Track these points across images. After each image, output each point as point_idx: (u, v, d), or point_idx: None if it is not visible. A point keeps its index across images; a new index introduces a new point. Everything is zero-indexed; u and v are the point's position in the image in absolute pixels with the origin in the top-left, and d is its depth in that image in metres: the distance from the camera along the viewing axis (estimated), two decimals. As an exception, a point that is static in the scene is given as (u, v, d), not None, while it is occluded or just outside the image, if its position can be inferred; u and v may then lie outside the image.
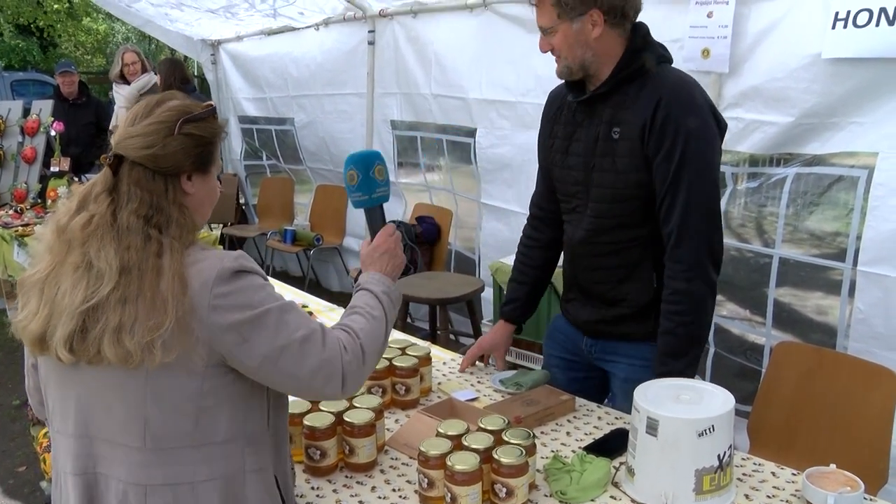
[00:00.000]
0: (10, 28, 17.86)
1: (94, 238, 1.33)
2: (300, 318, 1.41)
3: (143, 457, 1.37)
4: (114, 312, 1.29)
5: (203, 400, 1.36)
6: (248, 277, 1.38)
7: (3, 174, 5.81)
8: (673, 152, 1.93)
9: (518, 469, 1.59)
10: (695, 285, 1.98)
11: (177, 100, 1.45)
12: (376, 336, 1.51)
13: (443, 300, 4.03)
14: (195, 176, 1.43)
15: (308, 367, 1.38)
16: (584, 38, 1.98)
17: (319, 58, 5.87)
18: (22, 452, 3.87)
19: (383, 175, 1.71)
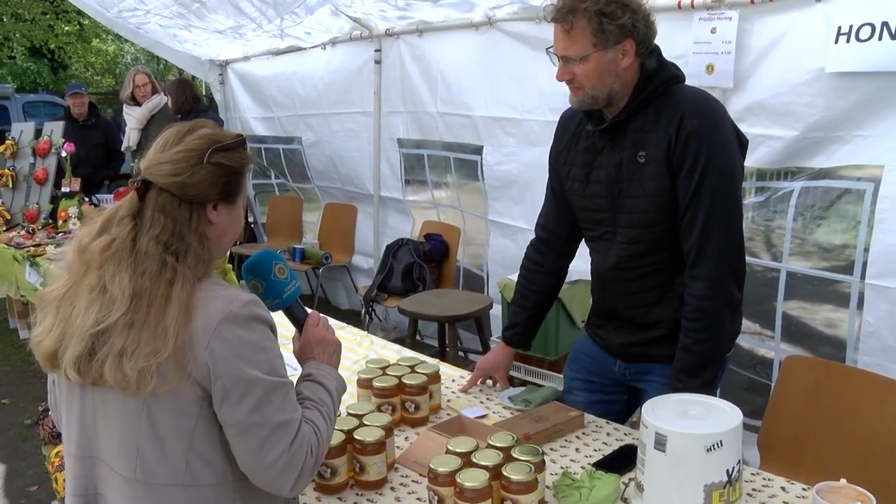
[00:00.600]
0: (22, 50, 18.07)
1: (111, 262, 1.35)
2: (285, 402, 1.38)
3: (133, 490, 1.38)
4: (119, 336, 1.31)
5: (196, 441, 1.36)
6: (255, 329, 1.36)
7: (15, 195, 5.86)
8: (695, 168, 1.92)
9: (527, 485, 1.59)
10: (713, 303, 1.96)
11: (208, 128, 1.46)
12: (328, 441, 1.48)
13: (451, 318, 4.04)
14: (221, 206, 1.44)
15: (272, 455, 1.35)
16: (616, 68, 1.96)
17: (326, 77, 5.92)
18: (34, 472, 3.89)
19: (285, 273, 1.63)
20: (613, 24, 1.90)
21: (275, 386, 1.36)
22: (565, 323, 3.93)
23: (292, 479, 1.37)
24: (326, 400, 1.51)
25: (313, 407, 1.47)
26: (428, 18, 4.81)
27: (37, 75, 19.29)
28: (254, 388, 1.33)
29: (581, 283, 3.91)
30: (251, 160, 1.50)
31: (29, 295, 4.86)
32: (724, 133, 1.95)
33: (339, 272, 6.27)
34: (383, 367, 2.26)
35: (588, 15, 1.91)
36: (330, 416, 1.49)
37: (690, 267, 1.98)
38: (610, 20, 1.90)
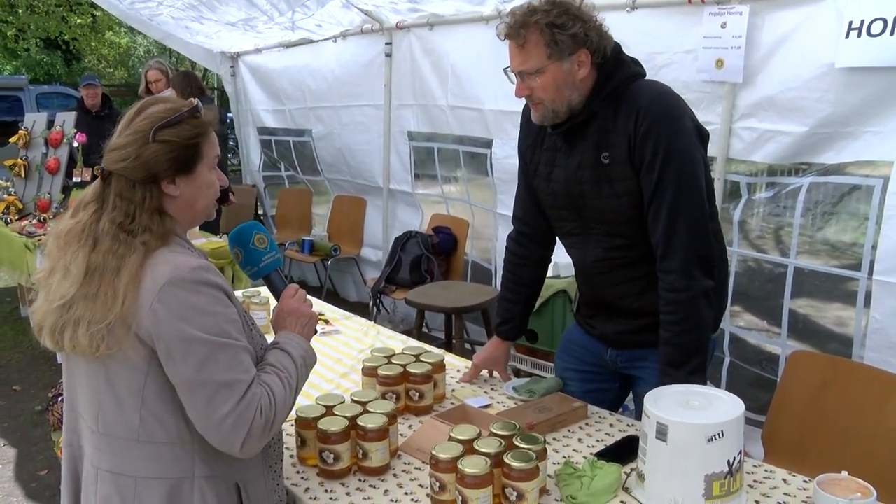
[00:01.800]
0: (36, 42, 18.18)
1: (73, 243, 1.44)
2: (233, 363, 1.42)
3: (98, 440, 1.49)
4: (78, 308, 1.40)
5: (147, 398, 1.43)
6: (201, 293, 1.41)
7: (27, 185, 5.90)
8: (654, 163, 1.94)
9: (528, 473, 1.60)
10: (687, 294, 1.98)
11: (159, 105, 1.49)
12: (287, 405, 1.51)
13: (458, 309, 4.05)
14: (179, 178, 1.48)
15: (218, 414, 1.39)
16: (572, 79, 1.97)
17: (337, 70, 5.93)
18: (43, 457, 3.93)
19: (265, 243, 1.70)
20: (565, 34, 1.92)
21: (220, 346, 1.41)
22: (572, 316, 3.93)
23: (240, 438, 1.40)
24: (289, 367, 1.54)
25: (273, 372, 1.51)
26: (439, 11, 4.82)
27: (50, 67, 19.39)
28: (196, 347, 1.38)
29: (588, 276, 3.92)
30: (206, 125, 1.52)
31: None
32: (680, 125, 1.96)
33: (348, 264, 6.29)
34: (388, 355, 2.27)
35: (540, 28, 1.93)
36: (290, 383, 1.52)
37: (660, 260, 2.00)
38: (562, 31, 1.92)
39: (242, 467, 1.54)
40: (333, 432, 1.78)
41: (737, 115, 3.34)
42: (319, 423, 1.81)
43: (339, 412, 1.87)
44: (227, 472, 1.51)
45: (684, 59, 3.46)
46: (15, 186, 5.97)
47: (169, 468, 1.46)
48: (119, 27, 20.04)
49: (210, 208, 1.57)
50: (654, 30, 3.51)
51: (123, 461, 1.46)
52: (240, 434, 1.40)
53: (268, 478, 1.60)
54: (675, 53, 3.48)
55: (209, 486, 1.48)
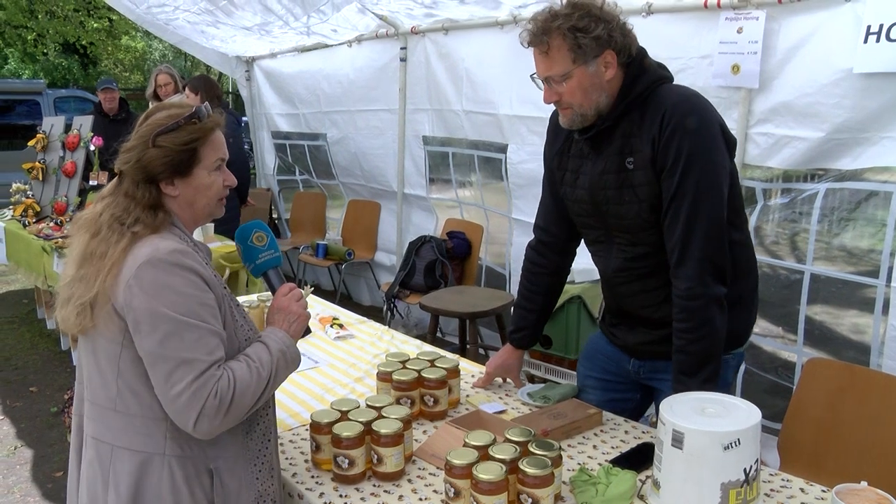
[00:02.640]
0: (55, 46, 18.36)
1: (82, 230, 1.59)
2: (198, 344, 1.48)
3: (88, 407, 1.61)
4: (73, 288, 1.54)
5: (122, 369, 1.52)
6: (175, 274, 1.50)
7: (44, 187, 5.96)
8: (676, 165, 1.91)
9: (543, 480, 1.60)
10: (699, 303, 1.96)
11: (164, 111, 1.61)
12: (251, 393, 1.54)
13: (472, 314, 4.05)
14: (176, 179, 1.59)
15: (175, 389, 1.46)
16: (599, 81, 1.96)
17: (352, 74, 5.95)
18: (59, 458, 3.96)
19: (264, 241, 1.77)
20: (589, 37, 1.91)
21: (186, 325, 1.48)
22: (586, 322, 3.92)
23: (193, 415, 1.46)
24: (263, 357, 1.59)
25: (243, 360, 1.57)
26: (454, 16, 4.82)
27: (67, 71, 19.56)
28: (161, 322, 1.46)
29: (602, 282, 3.91)
30: (206, 130, 1.61)
31: (56, 285, 4.93)
32: (707, 130, 1.93)
33: (362, 268, 6.30)
34: (403, 360, 2.27)
35: (562, 33, 1.92)
36: (259, 372, 1.56)
37: (674, 266, 1.98)
38: (585, 34, 1.90)
39: (217, 453, 1.59)
40: (348, 437, 1.78)
41: (753, 121, 3.33)
42: (334, 428, 1.81)
43: (354, 417, 1.87)
44: (199, 455, 1.57)
45: (700, 65, 3.45)
46: (33, 189, 6.03)
47: (142, 441, 1.54)
48: (135, 31, 20.20)
49: (212, 207, 1.67)
50: (670, 35, 3.50)
51: (104, 429, 1.56)
52: (192, 411, 1.46)
53: (247, 469, 1.63)
54: (691, 58, 3.47)
55: (179, 465, 1.55)
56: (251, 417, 1.61)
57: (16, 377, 5.16)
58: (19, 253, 5.56)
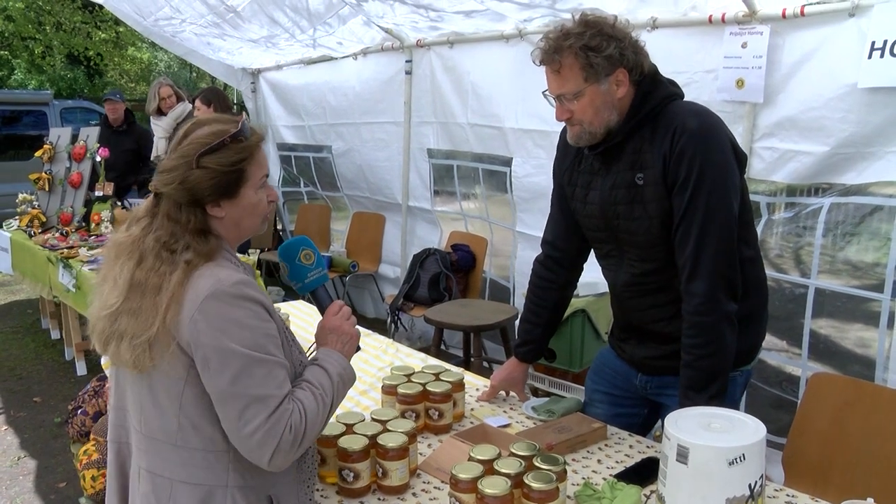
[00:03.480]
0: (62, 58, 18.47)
1: (122, 255, 1.50)
2: (267, 378, 1.45)
3: (140, 440, 1.56)
4: (122, 322, 1.46)
5: (185, 404, 1.47)
6: (241, 307, 1.45)
7: (50, 198, 5.99)
8: (688, 182, 1.91)
9: (548, 494, 1.59)
10: (710, 318, 1.95)
11: (205, 127, 1.52)
12: (319, 421, 1.54)
13: (477, 327, 4.05)
14: (223, 201, 1.52)
15: (248, 428, 1.43)
16: (611, 99, 1.96)
17: (357, 87, 5.98)
18: (63, 469, 3.96)
19: (311, 259, 1.74)
20: (600, 56, 1.91)
21: (255, 361, 1.44)
22: (591, 335, 3.92)
23: (269, 452, 1.44)
24: (325, 384, 1.57)
25: (308, 388, 1.54)
26: (459, 30, 4.85)
27: (73, 82, 19.66)
28: (232, 360, 1.42)
29: (607, 295, 3.89)
30: (251, 147, 1.54)
31: (61, 296, 4.95)
32: (717, 145, 1.93)
33: (366, 281, 6.31)
34: (408, 374, 2.27)
35: (574, 51, 1.92)
36: (324, 399, 1.54)
37: (686, 282, 1.97)
38: (596, 53, 1.91)
39: (276, 480, 1.56)
40: (353, 451, 1.78)
41: (757, 135, 3.34)
42: (339, 442, 1.81)
43: (360, 430, 1.87)
44: (260, 483, 1.54)
45: (705, 79, 3.47)
46: (39, 200, 6.05)
47: (203, 474, 1.49)
48: (141, 43, 20.31)
49: (258, 225, 1.61)
50: (675, 49, 3.51)
51: (162, 463, 1.51)
52: (268, 448, 1.43)
53: (300, 492, 1.63)
54: (696, 73, 3.48)
55: (241, 495, 1.51)
56: None
57: (20, 387, 5.17)
58: (25, 263, 5.58)
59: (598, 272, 4.13)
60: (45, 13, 16.66)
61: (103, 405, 3.23)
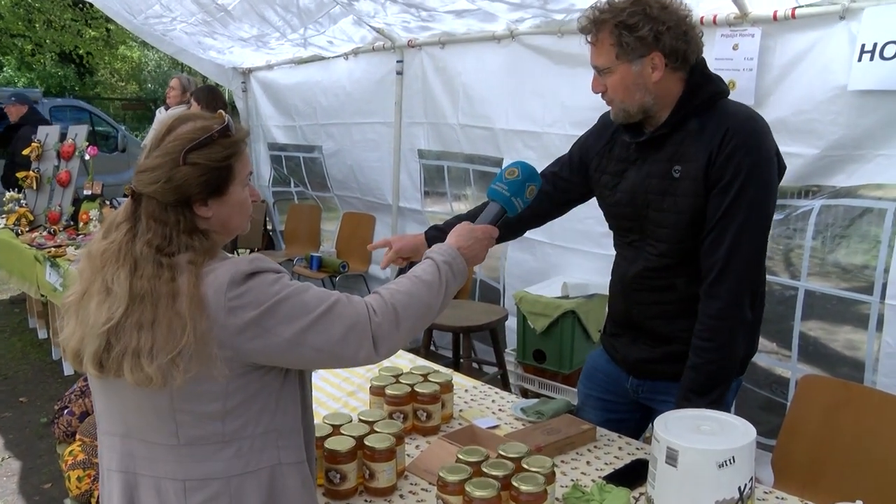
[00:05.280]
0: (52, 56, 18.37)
1: (111, 264, 1.40)
2: (319, 294, 1.44)
3: (179, 453, 1.43)
4: (131, 336, 1.35)
5: (229, 400, 1.40)
6: (261, 276, 1.40)
7: (38, 197, 5.95)
8: (732, 185, 1.86)
9: (537, 497, 1.58)
10: (728, 323, 1.92)
11: (189, 123, 1.44)
12: (417, 298, 1.52)
13: (466, 328, 4.04)
14: (210, 200, 1.44)
15: (335, 338, 1.41)
16: (644, 82, 1.92)
17: (348, 87, 5.95)
18: (48, 470, 3.92)
19: (531, 196, 1.83)
20: (633, 36, 1.88)
21: (299, 290, 1.42)
22: (580, 337, 3.92)
23: (369, 346, 1.44)
24: (426, 268, 1.59)
25: (402, 278, 1.56)
26: (450, 30, 4.84)
27: (63, 80, 19.57)
28: (282, 305, 1.39)
29: (597, 297, 3.91)
30: (238, 143, 1.48)
31: (49, 295, 4.91)
32: (766, 154, 1.90)
33: (356, 281, 6.28)
34: (396, 375, 2.26)
35: (609, 27, 1.90)
36: (421, 278, 1.56)
37: (710, 284, 1.93)
38: (630, 33, 1.88)
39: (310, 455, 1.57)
40: (340, 452, 1.77)
41: (748, 137, 3.33)
42: (326, 443, 1.80)
43: (347, 432, 1.85)
44: (304, 458, 1.53)
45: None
46: (26, 198, 6.01)
47: (257, 461, 1.45)
48: (132, 41, 20.24)
49: (245, 224, 1.55)
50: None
51: (214, 466, 1.43)
52: (366, 342, 1.44)
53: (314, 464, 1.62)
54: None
55: (297, 471, 1.50)
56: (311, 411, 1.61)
57: (5, 387, 5.13)
58: (12, 262, 5.54)
59: (589, 274, 4.14)
60: (34, 10, 16.56)
61: (90, 405, 3.20)
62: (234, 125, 1.49)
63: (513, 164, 1.82)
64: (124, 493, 1.49)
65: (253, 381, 1.43)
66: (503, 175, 1.81)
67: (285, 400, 1.49)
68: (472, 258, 1.70)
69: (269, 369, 1.44)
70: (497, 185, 1.80)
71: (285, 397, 1.49)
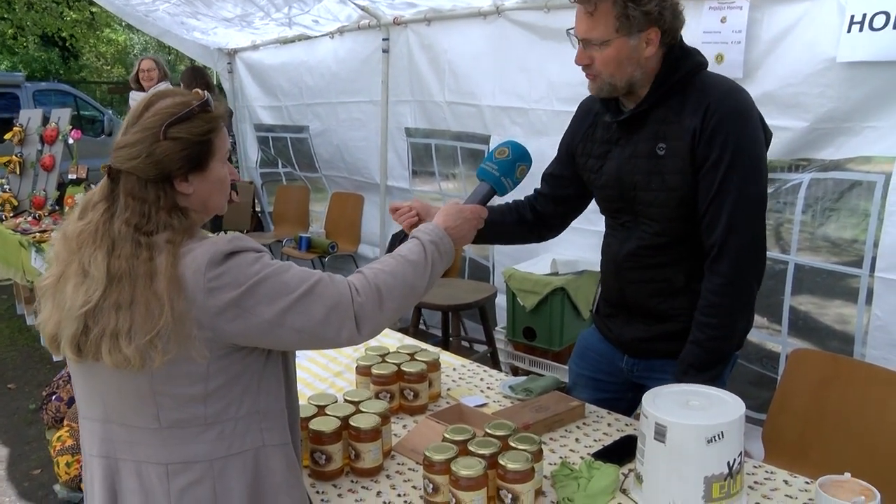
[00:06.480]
0: (35, 39, 18.13)
1: (87, 245, 1.37)
2: (300, 274, 1.41)
3: (161, 437, 1.41)
4: (109, 318, 1.32)
5: (210, 382, 1.38)
6: (241, 256, 1.37)
7: (22, 182, 5.88)
8: (720, 161, 1.84)
9: (524, 475, 1.57)
10: (731, 300, 1.90)
11: (167, 99, 1.42)
12: (402, 278, 1.50)
13: (455, 306, 4.02)
14: (191, 176, 1.42)
15: (316, 318, 1.39)
16: (637, 56, 1.88)
17: (334, 66, 5.89)
18: (37, 456, 3.90)
19: (522, 175, 1.80)
20: (639, 10, 1.83)
21: (280, 270, 1.39)
22: (570, 314, 3.91)
23: (352, 326, 1.42)
24: (412, 248, 1.58)
25: (387, 258, 1.55)
26: (436, 6, 4.78)
27: (48, 63, 19.34)
28: (262, 285, 1.36)
29: (587, 274, 3.90)
30: (217, 119, 1.46)
31: (35, 280, 4.87)
32: (751, 125, 1.87)
33: (345, 261, 6.25)
34: (383, 354, 2.24)
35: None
36: (406, 258, 1.54)
37: (712, 262, 1.90)
38: (636, 6, 1.83)
39: (295, 437, 1.55)
40: (325, 433, 1.75)
41: (737, 111, 3.30)
42: (311, 424, 1.78)
43: (332, 412, 1.83)
44: (288, 440, 1.51)
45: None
46: (10, 183, 5.95)
47: (241, 443, 1.43)
48: (118, 24, 20.00)
49: (223, 203, 1.52)
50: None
51: (197, 449, 1.41)
52: (348, 322, 1.41)
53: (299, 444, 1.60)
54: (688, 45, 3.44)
55: (281, 453, 1.48)
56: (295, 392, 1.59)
57: (-6, 374, 5.10)
58: (-4, 248, 5.48)
59: (579, 251, 4.11)
60: (14, -9, 16.33)
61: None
62: (213, 102, 1.46)
63: (503, 144, 1.79)
64: (105, 479, 1.47)
65: (234, 363, 1.40)
66: (493, 155, 1.79)
67: (268, 381, 1.47)
68: (459, 238, 1.68)
69: (250, 350, 1.42)
70: (487, 165, 1.78)
71: (268, 378, 1.47)
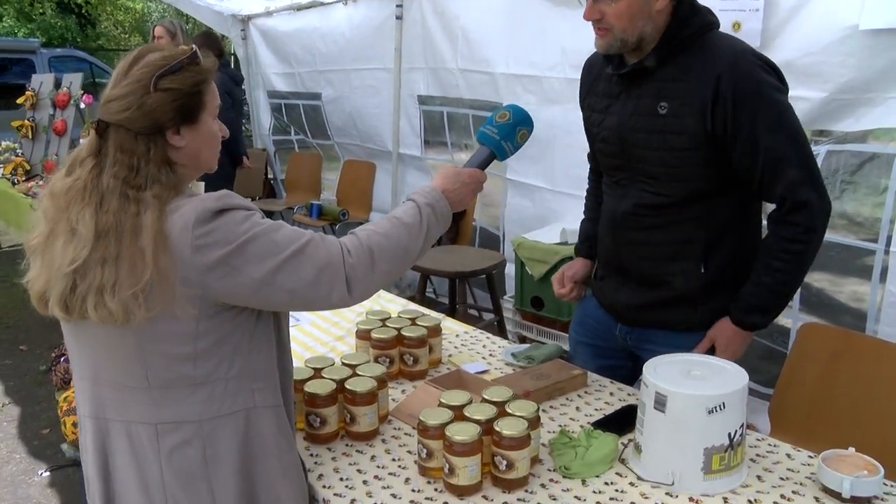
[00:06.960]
0: (52, 6, 18.09)
1: (75, 202, 1.34)
2: (290, 234, 1.38)
3: (150, 396, 1.39)
4: (95, 273, 1.30)
5: (199, 341, 1.36)
6: (230, 213, 1.34)
7: (35, 146, 5.88)
8: (757, 131, 1.81)
9: (519, 442, 1.54)
10: (808, 247, 1.90)
11: (156, 52, 1.40)
12: (395, 240, 1.47)
13: (462, 273, 3.98)
14: (183, 128, 1.39)
15: (306, 279, 1.36)
16: (648, 10, 1.84)
17: (348, 33, 5.83)
18: (46, 416, 3.94)
19: (523, 140, 1.74)
20: None
21: (270, 229, 1.36)
22: (579, 285, 3.86)
23: (343, 287, 1.39)
24: (407, 210, 1.54)
25: (381, 220, 1.51)
26: (450, -28, 4.70)
27: (65, 30, 19.30)
28: (252, 243, 1.33)
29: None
30: (207, 72, 1.44)
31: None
32: (767, 89, 1.83)
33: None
34: (384, 318, 2.21)
35: None
36: (401, 220, 1.51)
37: (786, 214, 1.88)
38: None
39: (287, 399, 1.52)
40: (320, 396, 1.73)
41: (753, 80, 3.22)
42: (306, 387, 1.76)
43: (328, 375, 1.81)
44: (280, 402, 1.49)
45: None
46: (22, 148, 5.95)
47: (231, 404, 1.41)
48: (135, -9, 19.93)
49: (213, 160, 1.49)
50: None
51: (187, 409, 1.39)
52: (339, 283, 1.38)
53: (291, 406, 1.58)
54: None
55: (273, 415, 1.46)
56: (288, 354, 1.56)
57: (6, 336, 5.14)
58: (9, 212, 5.51)
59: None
60: (31, -41, 16.29)
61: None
62: (201, 56, 1.43)
63: (504, 108, 1.75)
64: (96, 439, 1.46)
65: (224, 322, 1.38)
66: (494, 118, 1.74)
67: (259, 341, 1.44)
68: (456, 202, 1.63)
69: (241, 310, 1.39)
70: (487, 129, 1.73)
71: (259, 338, 1.44)
